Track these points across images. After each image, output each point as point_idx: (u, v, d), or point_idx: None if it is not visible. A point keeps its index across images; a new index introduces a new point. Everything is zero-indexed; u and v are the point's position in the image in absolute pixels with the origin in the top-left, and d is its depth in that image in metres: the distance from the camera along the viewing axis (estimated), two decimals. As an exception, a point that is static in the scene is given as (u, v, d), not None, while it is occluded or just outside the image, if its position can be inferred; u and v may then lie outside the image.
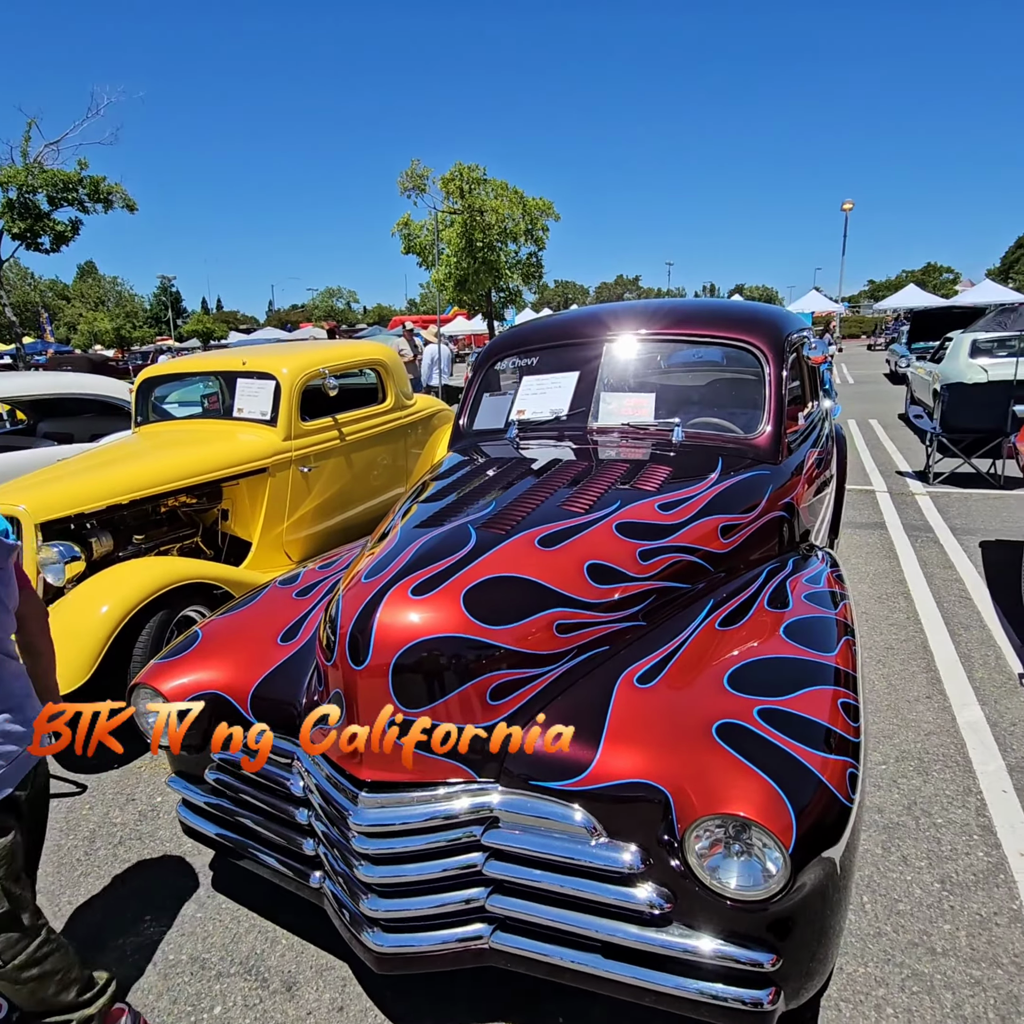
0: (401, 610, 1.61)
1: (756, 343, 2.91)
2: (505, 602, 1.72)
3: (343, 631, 1.64)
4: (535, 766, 1.60)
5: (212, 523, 4.28)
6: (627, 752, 1.56)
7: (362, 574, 1.79)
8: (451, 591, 1.66)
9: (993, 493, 6.79)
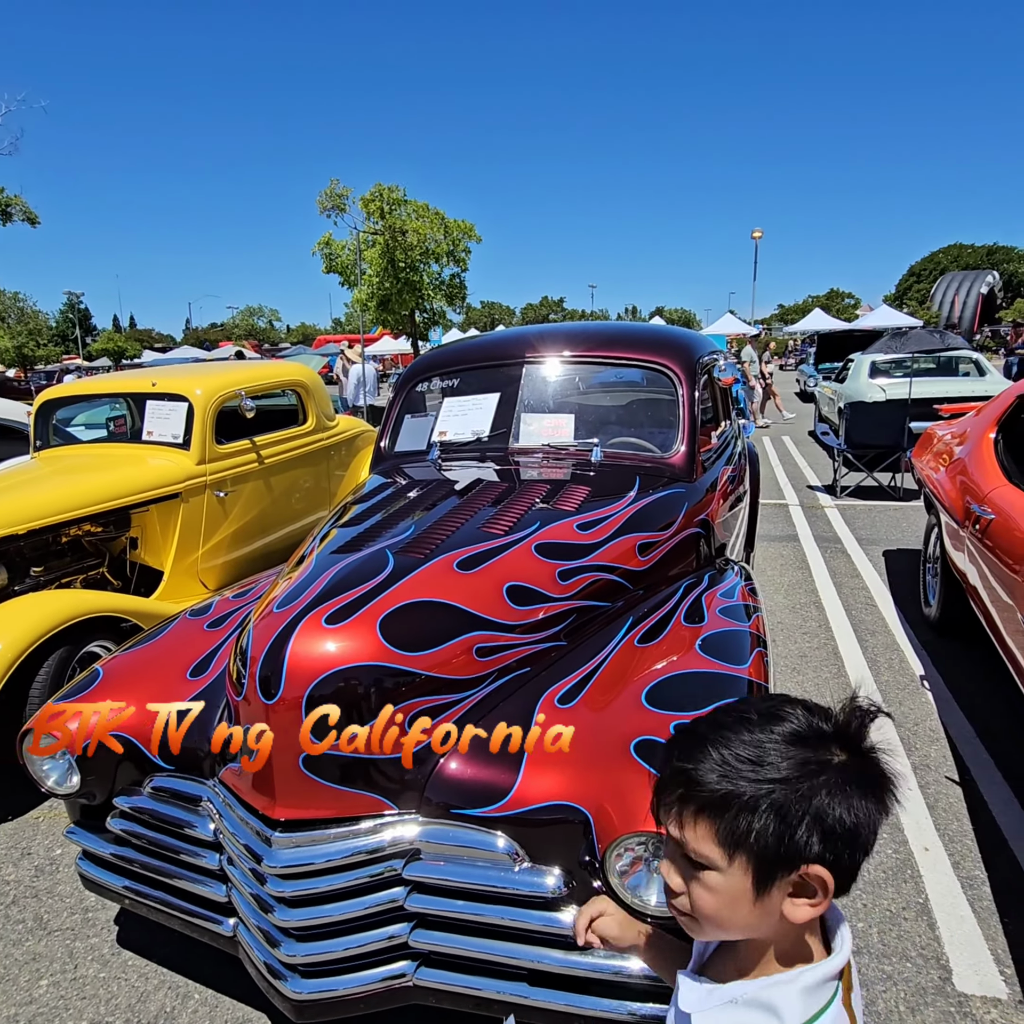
0: (314, 640, 1.56)
1: (670, 365, 3.01)
2: (423, 628, 1.69)
3: (253, 663, 1.58)
4: (456, 793, 1.57)
5: (120, 552, 4.06)
6: (548, 774, 1.55)
7: (275, 603, 1.73)
8: (367, 618, 1.63)
9: (893, 504, 7.23)
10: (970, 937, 2.11)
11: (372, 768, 1.56)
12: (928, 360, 10.24)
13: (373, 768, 1.56)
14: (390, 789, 1.58)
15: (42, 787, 1.94)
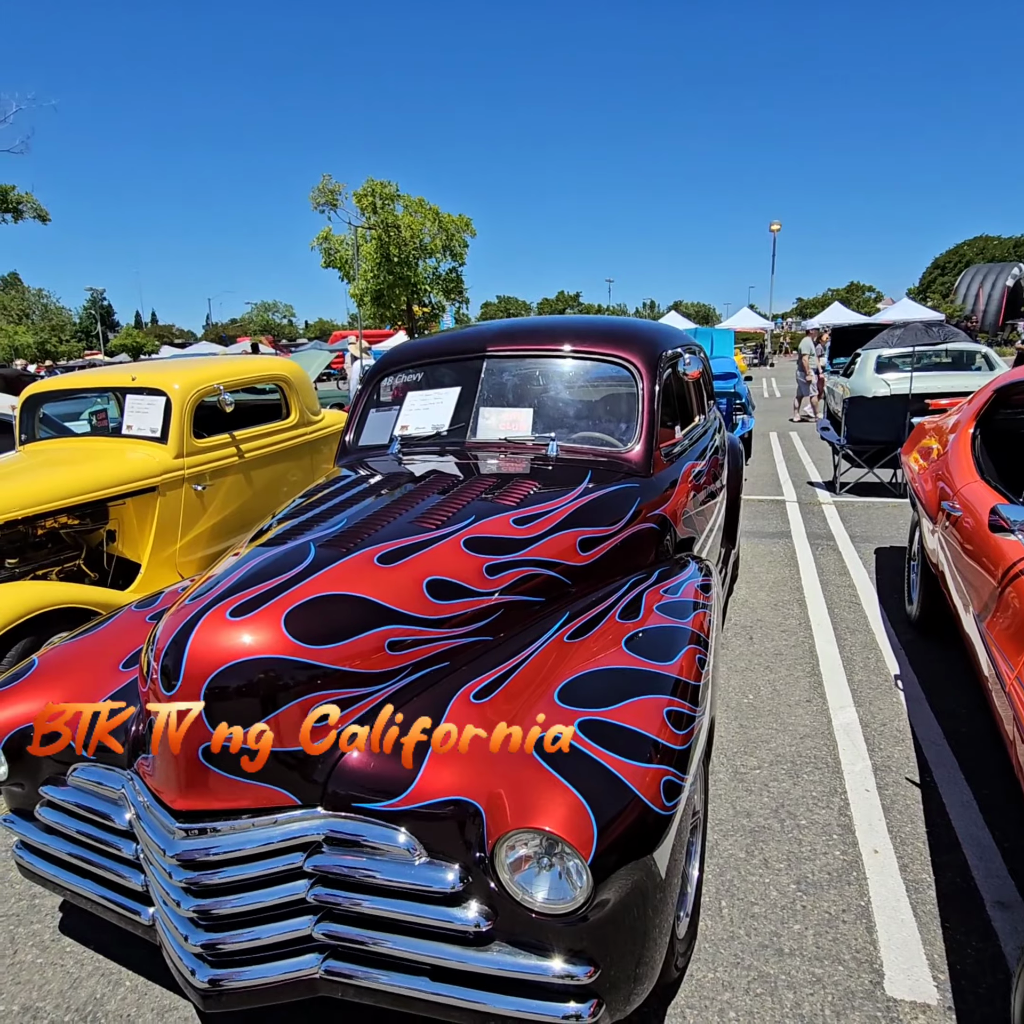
0: (216, 632, 1.57)
1: (630, 359, 2.98)
2: (332, 621, 1.69)
3: (158, 655, 1.59)
4: (359, 786, 1.57)
5: (98, 544, 4.11)
6: (449, 769, 1.54)
7: (189, 595, 1.73)
8: (272, 611, 1.63)
9: (893, 501, 7.11)
10: (907, 941, 2.07)
11: (274, 761, 1.56)
12: (938, 355, 10.04)
13: (275, 761, 1.56)
14: (292, 782, 1.58)
15: (-28, 773, 1.97)
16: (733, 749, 3.03)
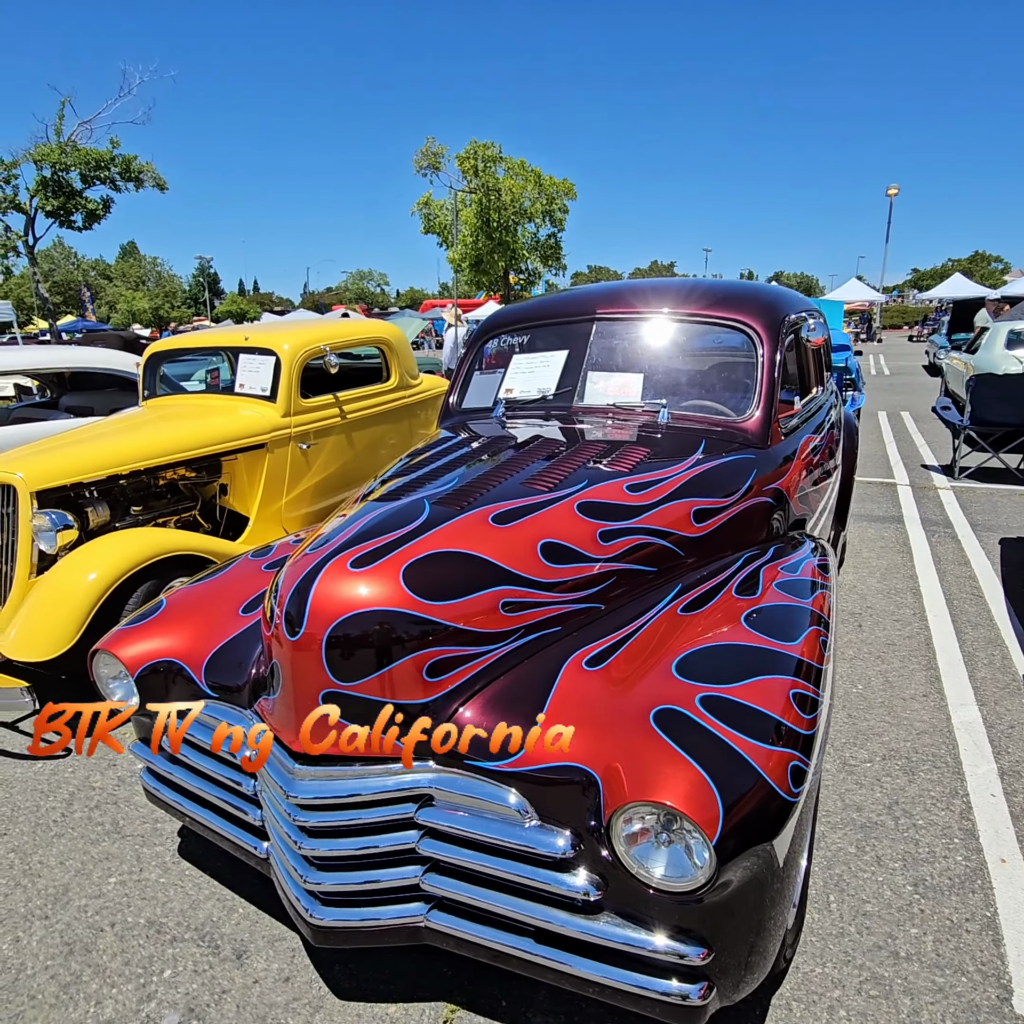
0: (338, 582, 1.58)
1: (750, 323, 2.81)
2: (449, 578, 1.67)
3: (281, 601, 1.62)
4: (471, 745, 1.56)
5: (211, 497, 4.31)
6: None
7: (309, 545, 1.76)
8: (391, 564, 1.63)
9: (1020, 489, 6.53)
10: (1041, 960, 1.91)
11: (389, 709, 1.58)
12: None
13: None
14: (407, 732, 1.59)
15: (108, 699, 2.10)
16: (841, 739, 2.87)
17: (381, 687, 1.57)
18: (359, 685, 1.56)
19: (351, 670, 1.56)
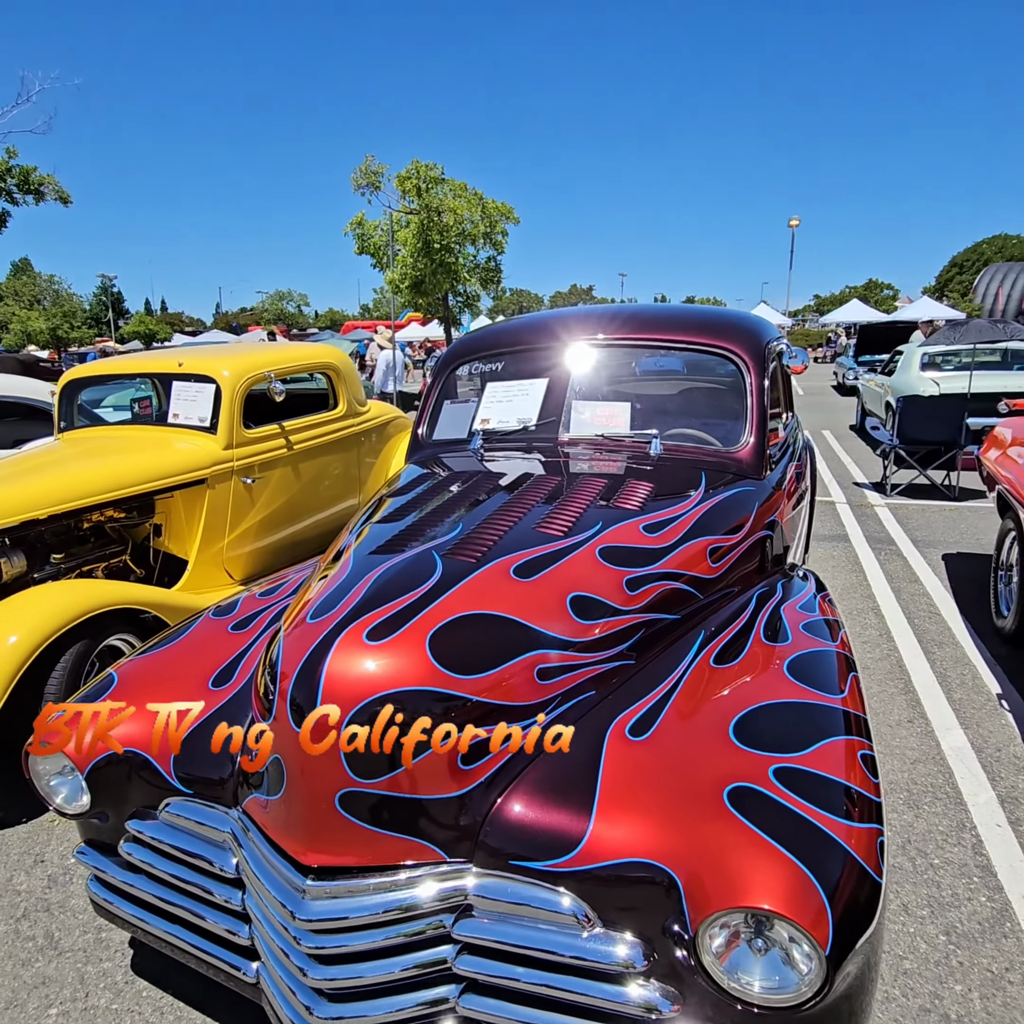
0: (355, 658, 1.34)
1: (737, 351, 2.74)
2: (479, 645, 1.46)
3: (284, 680, 1.36)
4: (517, 841, 1.35)
5: (143, 539, 3.90)
6: (625, 823, 1.32)
7: (308, 610, 1.51)
8: (414, 633, 1.40)
9: (949, 505, 6.84)
10: (1088, 1008, 1.84)
11: (419, 808, 1.34)
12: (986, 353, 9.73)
13: (420, 808, 1.34)
14: (440, 833, 1.36)
15: (50, 804, 1.76)
16: (842, 775, 2.79)
17: (410, 782, 1.33)
18: (383, 782, 1.32)
19: (374, 765, 1.32)
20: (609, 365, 2.92)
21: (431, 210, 6.80)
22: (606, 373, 2.91)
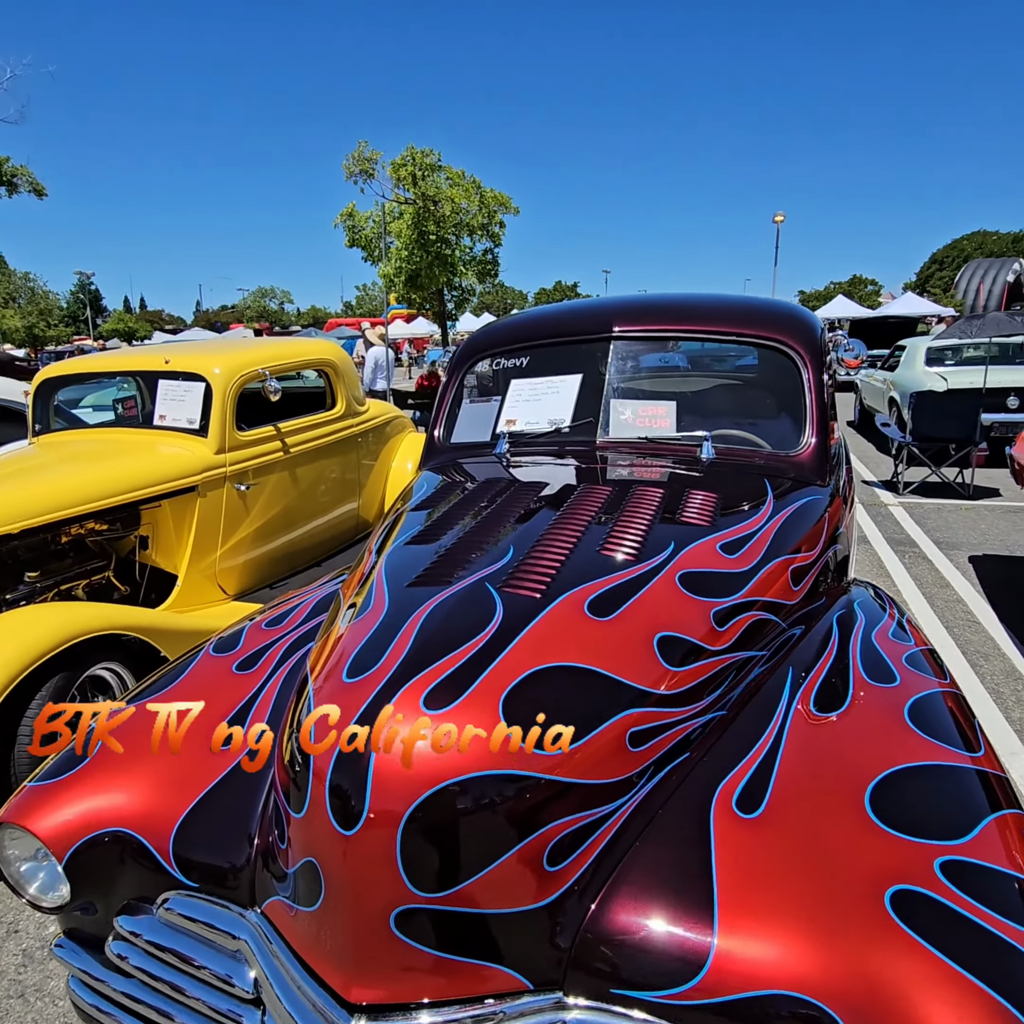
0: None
1: (792, 343, 2.47)
2: (562, 709, 1.17)
3: (319, 766, 1.06)
4: (621, 963, 1.06)
5: (128, 553, 3.56)
6: (759, 937, 1.04)
7: (343, 665, 1.21)
8: (486, 697, 1.11)
9: (965, 504, 6.65)
10: None
11: (497, 924, 1.05)
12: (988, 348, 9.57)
13: (499, 924, 1.05)
14: (523, 955, 1.07)
15: (22, 895, 1.44)
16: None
17: (486, 893, 1.04)
18: (452, 895, 1.03)
19: (442, 872, 1.02)
20: (647, 360, 2.64)
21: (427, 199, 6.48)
22: (644, 369, 2.63)
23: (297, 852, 1.11)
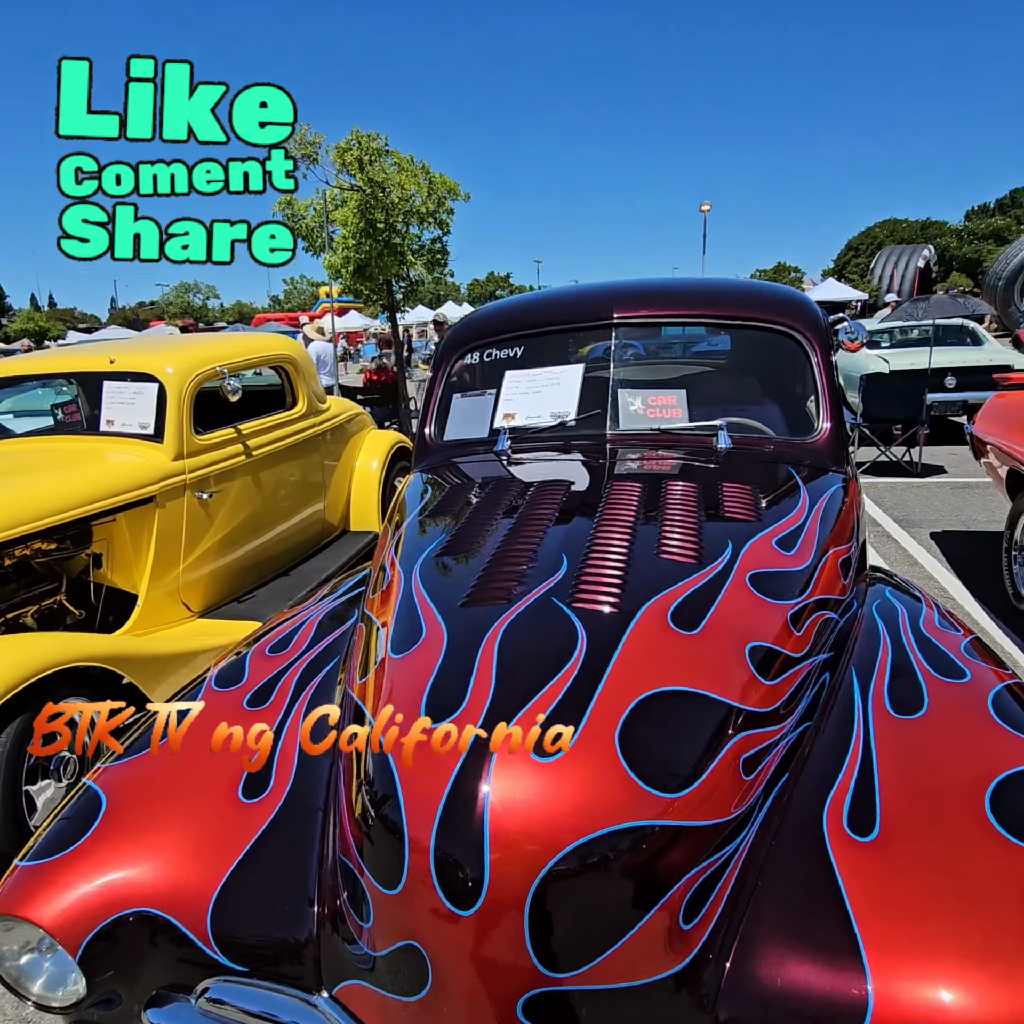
0: (528, 789, 0.90)
1: (799, 327, 2.40)
2: (674, 743, 1.04)
3: (419, 837, 0.90)
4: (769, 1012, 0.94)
5: (81, 573, 3.24)
6: (919, 978, 0.94)
7: (418, 708, 1.04)
8: (599, 739, 0.97)
9: (915, 481, 6.87)
10: None
11: (633, 997, 0.92)
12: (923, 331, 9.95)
13: (634, 997, 0.92)
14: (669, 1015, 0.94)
15: (26, 997, 1.22)
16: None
17: (624, 964, 0.90)
18: (588, 972, 0.88)
19: (576, 949, 0.88)
20: (650, 347, 2.53)
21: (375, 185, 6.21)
22: (647, 356, 2.52)
23: (390, 933, 0.94)
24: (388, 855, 0.93)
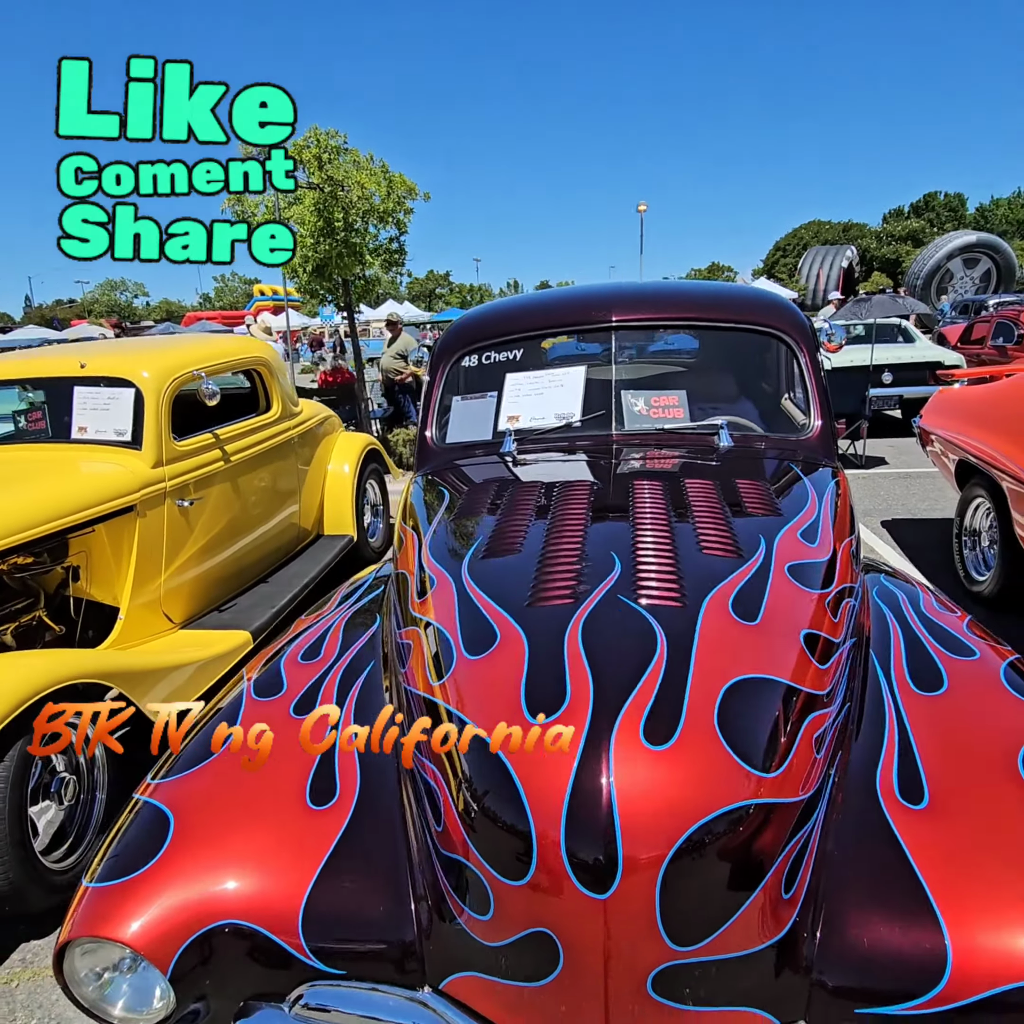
0: (648, 774, 0.95)
1: (787, 329, 2.54)
2: (761, 723, 1.11)
3: (546, 829, 0.93)
4: (858, 980, 1.02)
5: (59, 587, 3.11)
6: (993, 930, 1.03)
7: (517, 702, 1.08)
8: (701, 725, 1.02)
9: (860, 473, 7.22)
10: None
11: (746, 966, 0.98)
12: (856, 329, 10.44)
13: (747, 965, 0.98)
14: (767, 992, 1.00)
15: (108, 1021, 1.19)
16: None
17: (739, 936, 0.96)
18: (709, 944, 0.94)
19: (700, 923, 0.94)
20: (647, 349, 2.62)
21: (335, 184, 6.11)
22: (646, 358, 2.61)
23: (516, 923, 0.98)
24: (512, 849, 0.97)
